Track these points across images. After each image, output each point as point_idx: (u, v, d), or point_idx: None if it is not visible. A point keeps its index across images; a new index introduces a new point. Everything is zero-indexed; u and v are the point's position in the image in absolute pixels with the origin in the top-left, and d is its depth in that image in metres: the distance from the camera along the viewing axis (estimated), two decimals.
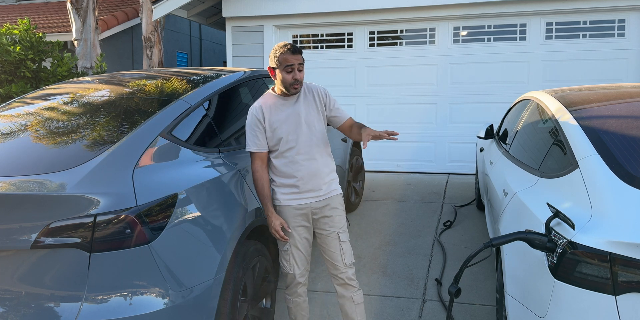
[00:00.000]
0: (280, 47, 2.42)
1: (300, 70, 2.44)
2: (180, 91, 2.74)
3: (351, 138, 2.61)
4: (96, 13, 7.30)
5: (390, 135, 2.32)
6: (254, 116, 2.51)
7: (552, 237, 1.85)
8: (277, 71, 2.45)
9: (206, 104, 2.73)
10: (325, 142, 2.58)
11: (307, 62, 7.25)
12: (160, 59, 7.87)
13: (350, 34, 7.05)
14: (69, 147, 2.17)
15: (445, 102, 6.75)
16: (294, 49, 2.42)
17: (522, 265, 2.11)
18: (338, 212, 2.59)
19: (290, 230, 2.50)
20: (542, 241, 1.83)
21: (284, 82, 2.45)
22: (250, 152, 2.53)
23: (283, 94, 2.52)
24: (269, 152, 2.55)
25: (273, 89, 2.57)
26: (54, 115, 2.54)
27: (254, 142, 2.51)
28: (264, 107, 2.52)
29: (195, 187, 2.23)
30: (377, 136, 2.33)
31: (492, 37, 6.53)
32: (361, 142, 2.45)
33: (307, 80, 7.09)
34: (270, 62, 2.47)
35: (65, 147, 2.17)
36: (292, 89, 2.45)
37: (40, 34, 6.19)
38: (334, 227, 2.56)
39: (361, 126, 2.52)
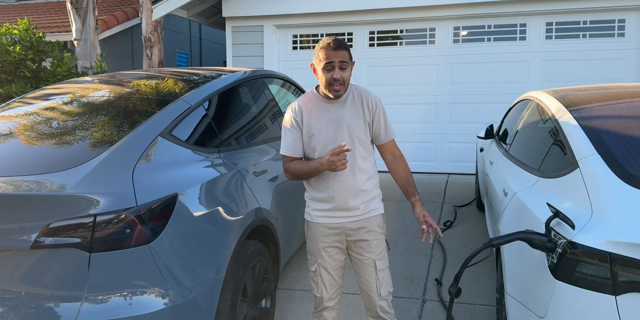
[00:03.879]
0: (321, 42, 2.12)
1: (343, 69, 2.10)
2: (180, 91, 2.74)
3: (390, 171, 2.36)
4: (96, 13, 7.29)
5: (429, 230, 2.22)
6: (291, 117, 2.23)
7: (552, 237, 1.85)
8: (317, 69, 2.15)
9: (206, 104, 2.73)
10: (368, 156, 2.28)
11: (306, 62, 7.25)
12: (160, 59, 7.88)
13: (350, 34, 7.05)
14: (69, 147, 2.17)
15: (445, 102, 6.75)
16: (337, 45, 2.08)
17: (522, 265, 2.11)
18: (376, 236, 2.28)
19: (348, 148, 2.06)
20: (542, 241, 1.83)
21: (323, 82, 2.14)
22: (283, 155, 2.28)
23: (326, 97, 2.20)
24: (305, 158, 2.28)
25: (317, 89, 2.26)
26: (54, 115, 2.54)
27: (290, 146, 2.24)
28: (304, 108, 2.23)
29: (195, 187, 2.22)
30: (429, 227, 2.23)
31: (492, 37, 6.53)
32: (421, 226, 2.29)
33: (305, 80, 7.12)
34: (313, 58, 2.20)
35: (65, 147, 2.17)
36: (332, 90, 2.13)
37: (40, 34, 6.19)
38: (371, 253, 2.26)
39: (414, 192, 2.31)
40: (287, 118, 2.26)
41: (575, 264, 1.70)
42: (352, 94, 2.24)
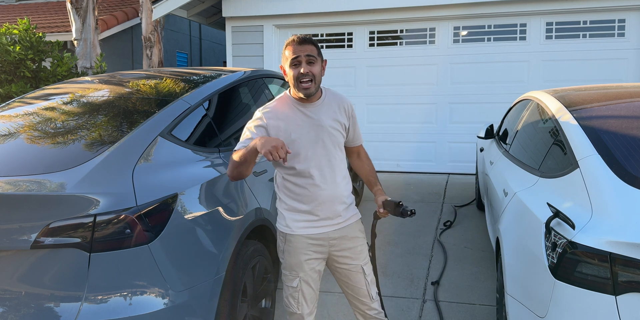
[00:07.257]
0: (286, 41, 2.05)
1: (311, 63, 1.99)
2: (180, 91, 2.74)
3: (353, 167, 2.39)
4: (96, 13, 7.29)
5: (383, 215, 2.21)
6: (259, 122, 2.05)
7: (553, 237, 1.85)
8: (285, 68, 2.05)
9: (206, 104, 2.73)
10: (344, 160, 2.21)
11: None
12: (160, 59, 7.87)
13: (350, 33, 7.05)
14: (68, 147, 2.17)
15: (445, 102, 6.75)
16: (301, 39, 2.00)
17: (522, 265, 2.11)
18: (359, 242, 2.22)
19: (291, 152, 1.93)
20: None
21: (292, 80, 2.02)
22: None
23: (300, 99, 2.08)
24: (280, 167, 2.14)
25: (291, 92, 2.14)
26: (54, 115, 2.54)
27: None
28: (279, 111, 2.08)
29: (195, 187, 2.22)
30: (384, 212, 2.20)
31: (492, 37, 6.53)
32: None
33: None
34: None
35: (65, 147, 2.17)
36: (300, 88, 1.99)
37: (40, 34, 6.19)
38: (358, 260, 2.20)
39: (376, 182, 2.30)
40: (256, 119, 2.07)
41: (576, 264, 1.70)
42: (327, 97, 2.15)
